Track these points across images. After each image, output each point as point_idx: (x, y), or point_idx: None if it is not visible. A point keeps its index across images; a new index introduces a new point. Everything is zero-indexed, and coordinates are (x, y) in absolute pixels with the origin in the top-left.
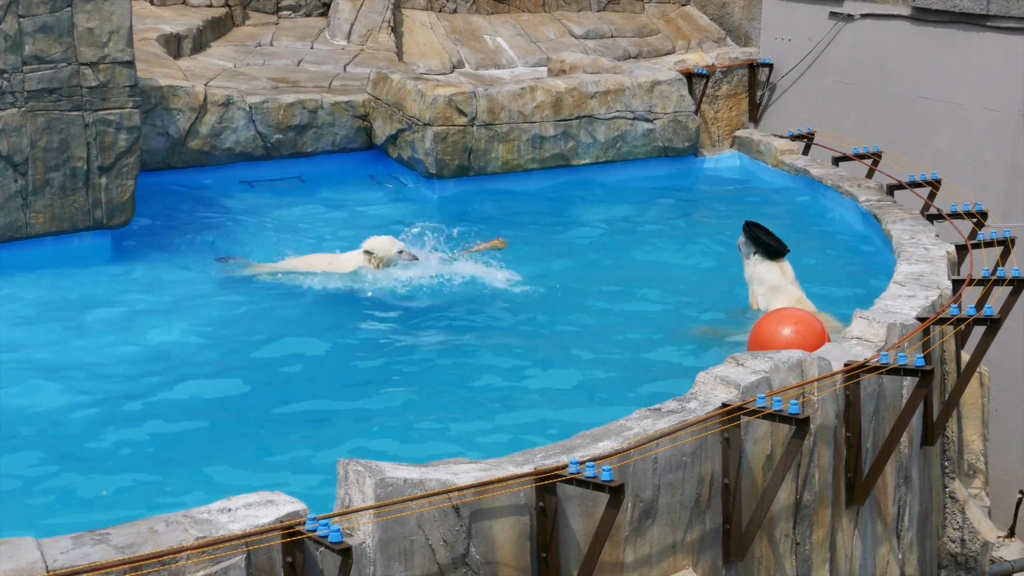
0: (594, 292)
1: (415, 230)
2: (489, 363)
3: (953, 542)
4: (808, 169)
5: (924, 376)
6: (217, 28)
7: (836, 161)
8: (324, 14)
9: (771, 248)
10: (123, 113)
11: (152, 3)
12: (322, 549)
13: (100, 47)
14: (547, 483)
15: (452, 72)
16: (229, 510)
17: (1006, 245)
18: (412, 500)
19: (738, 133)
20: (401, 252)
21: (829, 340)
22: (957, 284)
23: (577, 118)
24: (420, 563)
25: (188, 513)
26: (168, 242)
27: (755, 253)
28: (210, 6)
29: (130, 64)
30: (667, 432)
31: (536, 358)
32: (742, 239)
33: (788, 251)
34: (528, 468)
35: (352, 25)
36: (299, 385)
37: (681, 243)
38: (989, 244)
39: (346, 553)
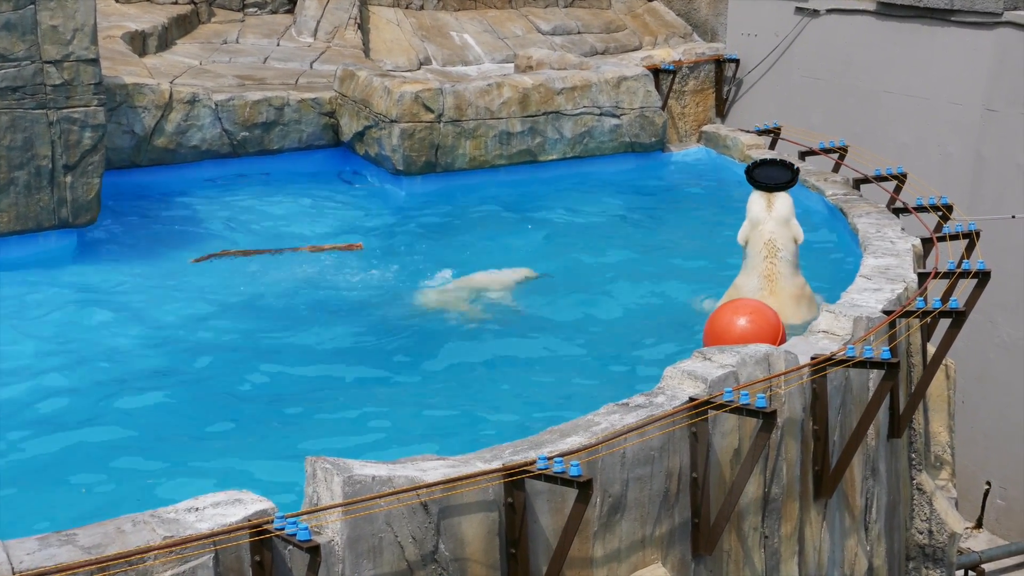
0: (562, 287)
1: None
2: (456, 359)
3: (921, 533)
4: None
5: (890, 369)
6: (183, 25)
7: (802, 155)
8: (290, 11)
9: (753, 180)
10: (88, 111)
11: (117, 0)
12: (291, 547)
13: (64, 45)
14: (515, 479)
15: (419, 69)
16: (196, 509)
17: (971, 238)
18: (380, 497)
19: (705, 128)
20: None
21: (784, 331)
22: (923, 277)
23: (544, 114)
24: (389, 560)
25: (155, 513)
26: (134, 241)
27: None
28: (175, 3)
29: (95, 62)
30: (635, 427)
31: (503, 353)
32: None
33: (776, 185)
34: (496, 464)
35: (318, 22)
36: (267, 382)
37: (648, 238)
38: (954, 237)
39: (314, 551)
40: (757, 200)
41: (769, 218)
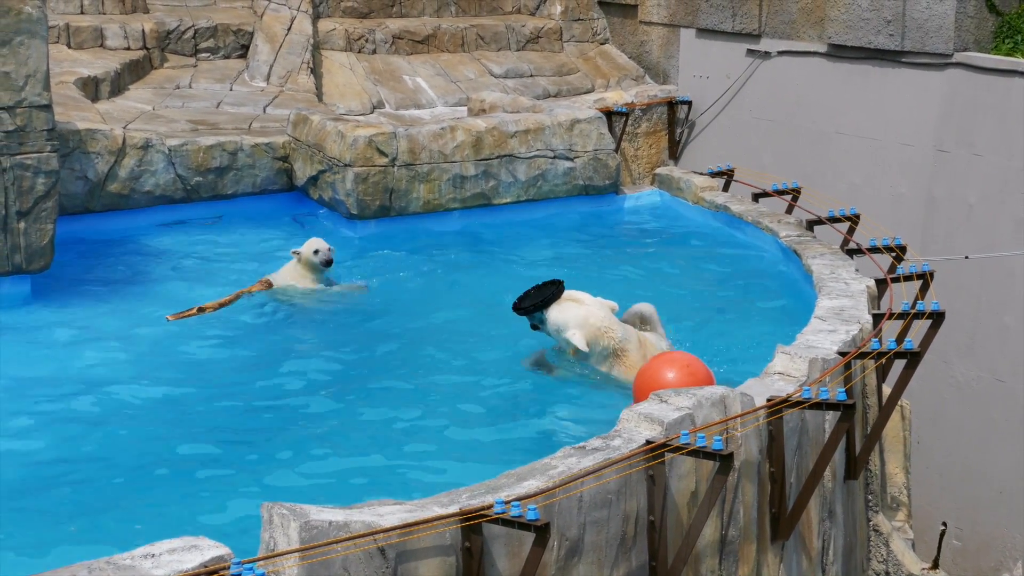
0: (518, 330)
1: None
2: (411, 402)
3: (878, 575)
4: (728, 206)
5: (846, 410)
6: (135, 71)
7: (756, 197)
8: (243, 56)
9: (543, 302)
10: (41, 157)
11: (69, 46)
12: None
13: (16, 91)
14: (473, 523)
15: (372, 113)
16: (153, 556)
17: (925, 279)
18: (337, 542)
19: (658, 171)
20: (317, 251)
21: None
22: (877, 318)
23: (498, 157)
24: None
25: (111, 559)
26: (88, 286)
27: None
28: (128, 49)
29: (47, 108)
30: (592, 470)
31: (459, 396)
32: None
33: (554, 295)
34: (453, 508)
35: (271, 67)
36: (222, 428)
37: (603, 281)
38: (908, 278)
39: None
40: (571, 308)
41: (595, 307)
